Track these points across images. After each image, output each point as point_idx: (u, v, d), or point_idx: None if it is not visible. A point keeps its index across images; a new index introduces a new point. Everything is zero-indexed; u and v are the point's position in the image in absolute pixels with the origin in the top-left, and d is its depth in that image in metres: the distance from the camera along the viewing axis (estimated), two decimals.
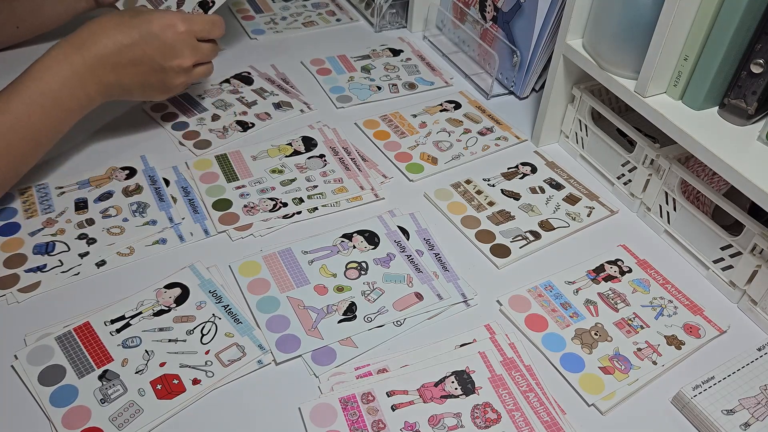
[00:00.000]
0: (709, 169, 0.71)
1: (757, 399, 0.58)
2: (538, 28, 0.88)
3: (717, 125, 0.66)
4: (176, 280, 0.66)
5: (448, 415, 0.57)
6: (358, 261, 0.70)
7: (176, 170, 0.78)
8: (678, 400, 0.59)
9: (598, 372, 0.61)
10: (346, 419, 0.56)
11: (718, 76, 0.65)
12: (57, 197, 0.74)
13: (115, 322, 0.62)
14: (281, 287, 0.66)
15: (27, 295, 0.64)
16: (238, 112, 0.88)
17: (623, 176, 0.79)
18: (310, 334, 0.62)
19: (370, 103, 0.92)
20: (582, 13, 0.74)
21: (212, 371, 0.59)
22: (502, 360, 0.61)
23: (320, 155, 0.82)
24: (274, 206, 0.75)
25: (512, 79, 0.94)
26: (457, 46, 1.03)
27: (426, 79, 0.97)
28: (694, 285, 0.70)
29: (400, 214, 0.76)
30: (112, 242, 0.69)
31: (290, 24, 1.06)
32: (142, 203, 0.74)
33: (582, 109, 0.82)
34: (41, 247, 0.68)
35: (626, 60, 0.71)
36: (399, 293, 0.67)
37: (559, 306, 0.66)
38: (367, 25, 1.09)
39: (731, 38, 0.62)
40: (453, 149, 0.85)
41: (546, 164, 0.84)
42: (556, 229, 0.75)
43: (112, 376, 0.58)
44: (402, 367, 0.60)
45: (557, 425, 0.56)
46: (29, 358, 0.58)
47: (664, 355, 0.63)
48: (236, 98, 0.90)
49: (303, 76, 0.96)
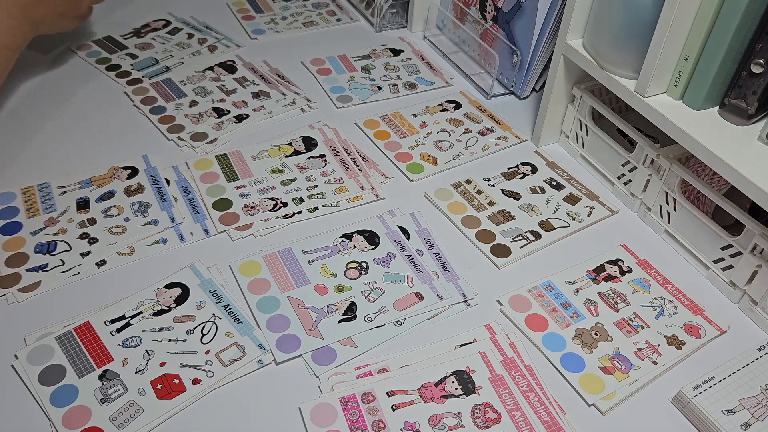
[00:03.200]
0: (709, 169, 0.71)
1: (758, 399, 0.58)
2: (539, 28, 0.88)
3: (717, 125, 0.66)
4: (176, 280, 0.66)
5: (449, 415, 0.57)
6: (358, 261, 0.70)
7: (176, 170, 0.79)
8: (678, 400, 0.59)
9: (598, 372, 0.61)
10: (346, 419, 0.56)
11: (718, 76, 0.65)
12: (59, 197, 0.74)
13: (116, 321, 0.62)
14: (281, 287, 0.66)
15: (27, 295, 0.64)
16: (215, 99, 0.89)
17: (623, 176, 0.79)
18: (310, 333, 0.62)
19: (370, 103, 0.92)
20: (582, 13, 0.74)
21: (212, 371, 0.59)
22: (503, 360, 0.61)
23: (320, 155, 0.82)
24: (275, 206, 0.75)
25: (512, 79, 0.94)
26: (457, 46, 1.03)
27: (426, 79, 0.97)
28: (694, 285, 0.70)
29: (401, 213, 0.76)
30: (113, 242, 0.69)
31: (290, 24, 1.06)
32: (144, 203, 0.74)
33: (582, 109, 0.82)
34: (43, 246, 0.68)
35: (626, 60, 0.71)
36: (399, 293, 0.67)
37: (560, 306, 0.66)
38: (367, 25, 1.09)
39: (731, 38, 0.62)
40: (453, 149, 0.85)
41: (546, 164, 0.84)
42: (557, 229, 0.75)
43: (112, 375, 0.58)
44: (402, 367, 0.60)
45: (557, 425, 0.56)
46: (29, 357, 0.58)
47: (665, 355, 0.63)
48: (216, 86, 0.91)
49: (303, 75, 0.96)
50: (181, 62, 0.95)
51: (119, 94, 0.89)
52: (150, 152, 0.81)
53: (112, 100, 0.89)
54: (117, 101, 0.88)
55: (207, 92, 0.91)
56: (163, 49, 0.98)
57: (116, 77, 0.92)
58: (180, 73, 0.94)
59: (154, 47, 0.98)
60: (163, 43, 0.99)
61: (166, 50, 0.98)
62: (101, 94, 0.90)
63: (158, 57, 0.96)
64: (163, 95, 0.89)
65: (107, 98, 0.89)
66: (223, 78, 0.93)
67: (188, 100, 0.89)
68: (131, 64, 0.95)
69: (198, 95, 0.90)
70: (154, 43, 0.99)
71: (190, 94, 0.90)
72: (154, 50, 0.97)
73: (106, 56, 0.96)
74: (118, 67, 0.94)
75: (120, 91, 0.90)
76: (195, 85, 0.92)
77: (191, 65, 0.95)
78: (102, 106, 0.88)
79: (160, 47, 0.98)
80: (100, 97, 0.89)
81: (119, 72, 0.93)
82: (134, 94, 0.89)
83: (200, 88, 0.91)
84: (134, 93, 0.89)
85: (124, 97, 0.89)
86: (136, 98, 0.88)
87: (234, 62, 0.96)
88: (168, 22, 1.04)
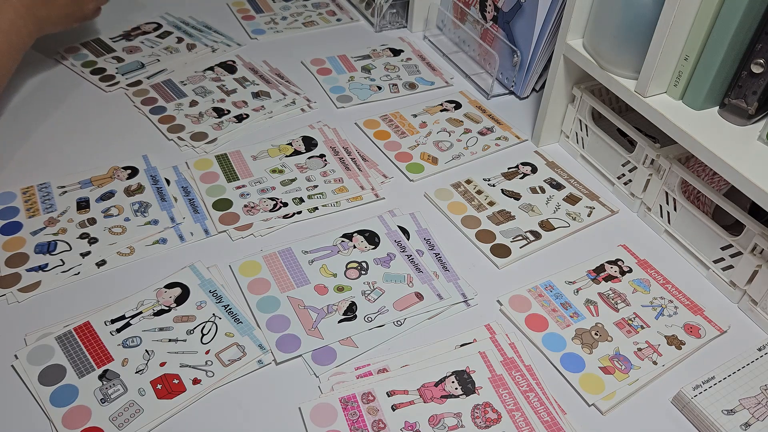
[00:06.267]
0: (709, 169, 0.71)
1: (758, 399, 0.58)
2: (539, 28, 0.88)
3: (717, 125, 0.66)
4: (176, 280, 0.66)
5: (449, 415, 0.57)
6: (358, 261, 0.70)
7: (176, 170, 0.79)
8: (678, 400, 0.59)
9: (598, 372, 0.61)
10: (346, 419, 0.56)
11: (718, 76, 0.65)
12: (59, 196, 0.74)
13: (116, 321, 0.62)
14: (281, 287, 0.66)
15: (27, 295, 0.64)
16: (216, 99, 0.89)
17: (623, 176, 0.79)
18: (310, 333, 0.62)
19: (370, 103, 0.92)
20: (582, 13, 0.74)
21: (212, 371, 0.59)
22: (503, 360, 0.61)
23: (320, 155, 0.82)
24: (275, 206, 0.75)
25: (512, 79, 0.94)
26: (457, 46, 1.03)
27: (426, 79, 0.97)
28: (694, 285, 0.70)
29: (401, 213, 0.76)
30: (113, 242, 0.69)
31: (290, 24, 1.06)
32: (144, 203, 0.74)
33: (582, 109, 0.82)
34: (43, 246, 0.68)
35: (627, 60, 0.71)
36: (399, 293, 0.67)
37: (560, 306, 0.66)
38: (367, 24, 1.09)
39: (732, 38, 0.62)
40: (453, 149, 0.85)
41: (546, 164, 0.84)
42: (557, 229, 0.75)
43: (112, 375, 0.58)
44: (402, 366, 0.60)
45: (557, 425, 0.56)
46: (29, 357, 0.58)
47: (665, 355, 0.63)
48: (217, 86, 0.92)
49: (303, 75, 0.96)
50: (164, 69, 0.94)
51: (120, 94, 0.89)
52: (150, 152, 0.81)
53: (112, 100, 0.89)
54: (117, 101, 0.88)
55: (207, 92, 0.91)
56: (150, 53, 0.97)
57: (100, 81, 0.91)
58: (179, 73, 0.94)
59: (142, 50, 0.97)
60: (151, 47, 0.98)
61: (153, 54, 0.96)
62: (101, 94, 0.89)
63: (144, 61, 0.95)
64: (164, 95, 0.89)
65: (107, 98, 0.89)
66: (223, 78, 0.93)
67: (188, 100, 0.89)
68: (116, 68, 0.93)
69: (198, 95, 0.90)
70: (143, 46, 0.98)
71: (191, 94, 0.90)
72: (141, 53, 0.96)
73: (92, 59, 0.95)
74: (103, 71, 0.92)
75: (120, 91, 0.90)
76: (195, 85, 0.92)
77: (183, 69, 0.94)
78: (102, 106, 0.88)
79: (148, 50, 0.97)
80: (101, 97, 0.89)
81: (103, 76, 0.92)
82: (134, 96, 0.89)
83: (200, 88, 0.91)
84: (135, 95, 0.89)
85: (125, 98, 0.89)
86: (136, 99, 0.88)
87: (234, 62, 0.96)
88: (159, 25, 1.03)
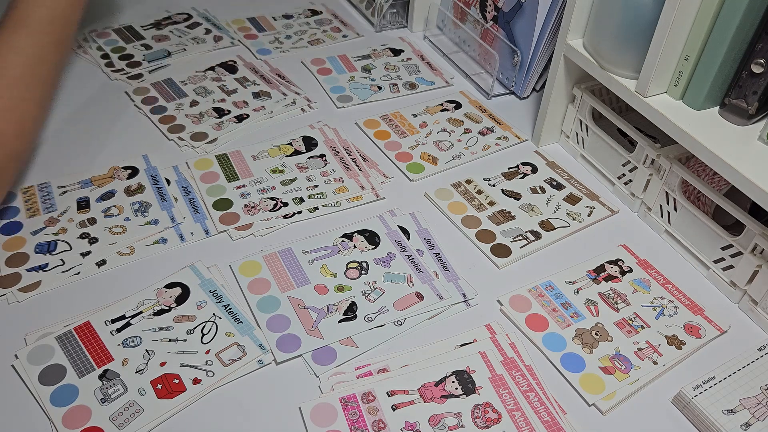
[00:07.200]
0: (709, 169, 0.71)
1: (758, 399, 0.58)
2: (539, 27, 0.88)
3: (717, 125, 0.66)
4: (177, 280, 0.66)
5: (449, 415, 0.57)
6: (358, 261, 0.70)
7: (176, 170, 0.79)
8: (678, 400, 0.59)
9: (598, 372, 0.61)
10: (346, 419, 0.56)
11: (718, 75, 0.65)
12: (59, 196, 0.74)
13: (116, 321, 0.62)
14: (282, 287, 0.66)
15: (27, 295, 0.64)
16: (216, 99, 0.89)
17: (624, 176, 0.79)
18: (310, 333, 0.62)
19: (370, 103, 0.92)
20: (582, 13, 0.74)
21: (212, 371, 0.59)
22: (503, 360, 0.61)
23: (321, 155, 0.82)
24: (275, 206, 0.75)
25: (513, 79, 0.94)
26: (457, 45, 1.03)
27: (426, 79, 0.97)
28: (694, 285, 0.70)
29: (401, 213, 0.76)
30: (114, 242, 0.69)
31: (296, 43, 1.03)
32: (144, 203, 0.74)
33: (582, 109, 0.82)
34: (43, 246, 0.68)
35: (627, 60, 0.71)
36: (399, 293, 0.67)
37: (560, 306, 0.66)
38: (367, 24, 1.09)
39: (732, 38, 0.62)
40: (453, 149, 0.85)
41: (546, 164, 0.84)
42: (557, 229, 0.75)
43: (112, 375, 0.58)
44: (402, 366, 0.60)
45: (558, 425, 0.56)
46: (30, 357, 0.58)
47: (665, 355, 0.63)
48: (217, 86, 0.92)
49: (303, 75, 0.96)
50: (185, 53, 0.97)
51: (120, 94, 0.89)
52: (150, 152, 0.81)
53: (112, 99, 0.89)
54: (118, 101, 0.88)
55: (208, 92, 0.91)
56: (178, 42, 0.99)
57: (127, 67, 0.94)
58: (180, 72, 0.94)
59: (170, 39, 1.00)
60: (180, 36, 1.00)
61: (180, 43, 0.99)
62: (102, 93, 0.90)
63: (171, 50, 0.97)
64: (164, 95, 0.89)
65: (108, 98, 0.89)
66: (223, 78, 0.93)
67: (189, 100, 0.89)
68: (143, 54, 0.96)
69: (199, 95, 0.90)
70: (171, 35, 1.01)
71: (191, 94, 0.90)
72: (169, 42, 0.99)
73: (122, 45, 0.98)
74: (131, 57, 0.96)
75: (121, 91, 0.90)
76: (196, 85, 0.92)
77: (192, 64, 0.95)
78: (102, 106, 0.88)
79: (176, 39, 1.00)
80: (101, 97, 0.89)
81: (130, 62, 0.95)
82: (135, 94, 0.89)
83: (201, 88, 0.91)
84: (135, 93, 0.89)
85: (125, 97, 0.89)
86: (137, 98, 0.89)
87: (235, 62, 0.96)
88: (189, 16, 1.06)
